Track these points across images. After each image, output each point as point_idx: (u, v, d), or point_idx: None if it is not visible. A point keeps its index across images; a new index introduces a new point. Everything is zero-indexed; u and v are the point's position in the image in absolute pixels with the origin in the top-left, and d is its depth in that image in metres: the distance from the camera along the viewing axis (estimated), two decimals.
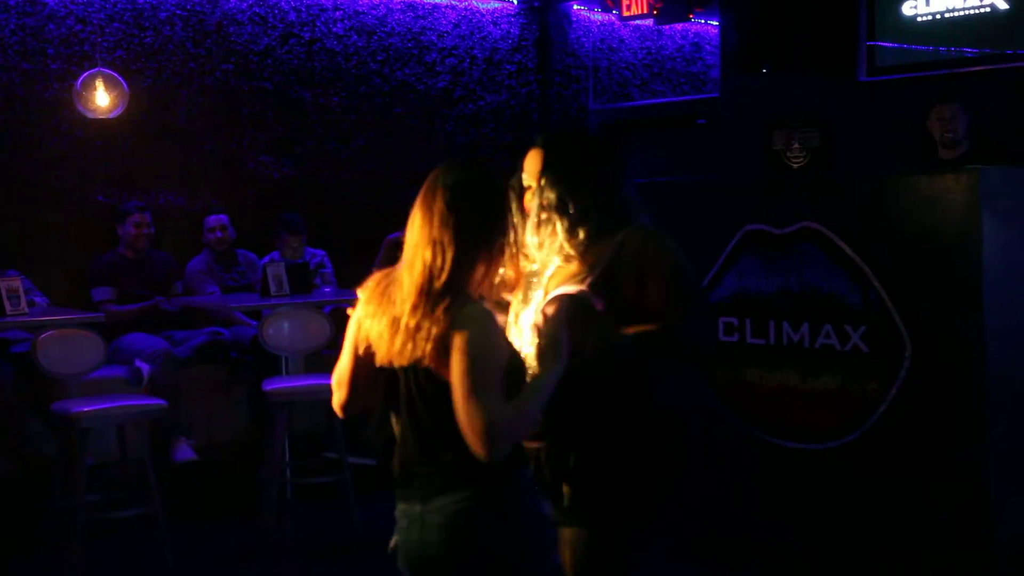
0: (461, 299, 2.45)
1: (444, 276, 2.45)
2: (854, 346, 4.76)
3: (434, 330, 2.42)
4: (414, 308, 2.46)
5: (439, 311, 2.43)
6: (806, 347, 4.91)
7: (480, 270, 2.52)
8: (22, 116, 6.81)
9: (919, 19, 5.17)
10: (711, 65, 8.88)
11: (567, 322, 2.58)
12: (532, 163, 2.80)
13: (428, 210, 2.51)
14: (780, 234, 5.00)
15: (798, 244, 4.95)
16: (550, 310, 2.68)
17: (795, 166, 5.05)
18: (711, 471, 5.16)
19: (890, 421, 4.66)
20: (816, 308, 4.89)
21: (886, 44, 5.52)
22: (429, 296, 2.45)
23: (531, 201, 2.79)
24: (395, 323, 2.49)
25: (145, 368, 6.19)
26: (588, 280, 2.71)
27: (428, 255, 2.47)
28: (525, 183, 2.81)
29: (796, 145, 5.09)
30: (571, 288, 2.70)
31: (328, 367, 2.75)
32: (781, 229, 5.00)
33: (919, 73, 5.18)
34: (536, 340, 2.71)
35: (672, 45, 9.16)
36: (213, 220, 7.15)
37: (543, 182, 2.76)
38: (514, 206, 2.76)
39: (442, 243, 2.47)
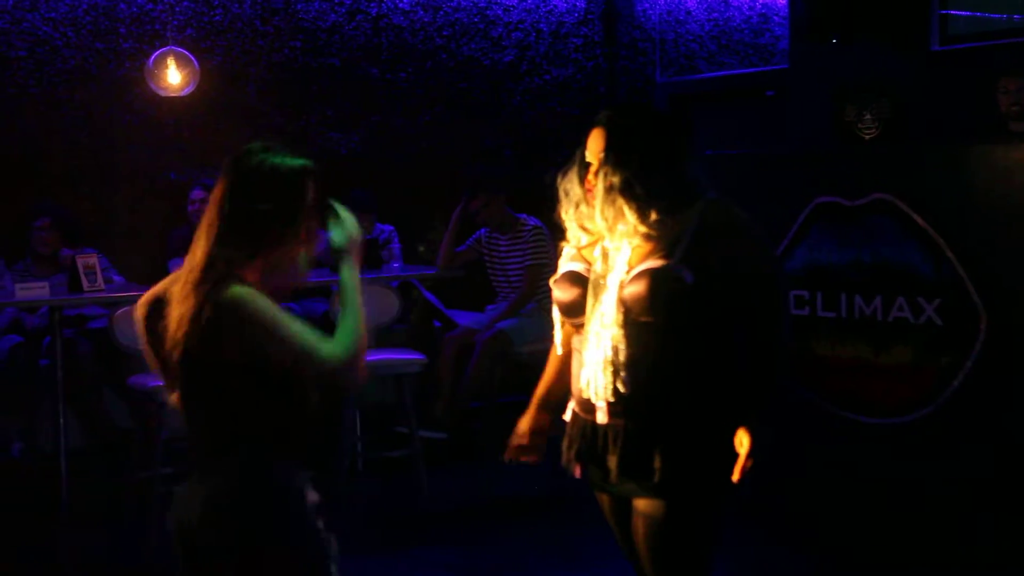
0: (227, 282, 2.44)
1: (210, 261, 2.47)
2: (928, 319, 4.72)
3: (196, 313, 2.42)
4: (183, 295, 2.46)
5: (200, 294, 2.43)
6: (879, 320, 4.88)
7: (260, 259, 2.50)
8: (95, 95, 6.93)
9: None
10: (780, 36, 8.77)
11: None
12: (595, 142, 2.76)
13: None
14: (852, 206, 4.96)
15: (870, 216, 4.90)
16: (636, 287, 2.68)
17: (866, 137, 4.99)
18: (782, 445, 5.15)
19: (965, 394, 4.62)
20: (889, 281, 4.85)
21: (959, 12, 5.43)
22: (197, 282, 2.45)
23: (595, 181, 2.75)
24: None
25: None
26: (674, 253, 2.68)
27: (203, 240, 2.51)
28: (588, 160, 2.77)
29: (867, 116, 5.03)
30: (656, 262, 2.68)
31: (397, 342, 2.77)
32: (853, 201, 4.96)
33: (992, 42, 5.09)
34: (620, 318, 2.71)
35: (740, 16, 9.06)
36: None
37: (607, 163, 2.72)
38: (572, 183, 2.79)
39: (214, 227, 2.51)
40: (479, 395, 6.43)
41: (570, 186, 2.81)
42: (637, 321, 2.70)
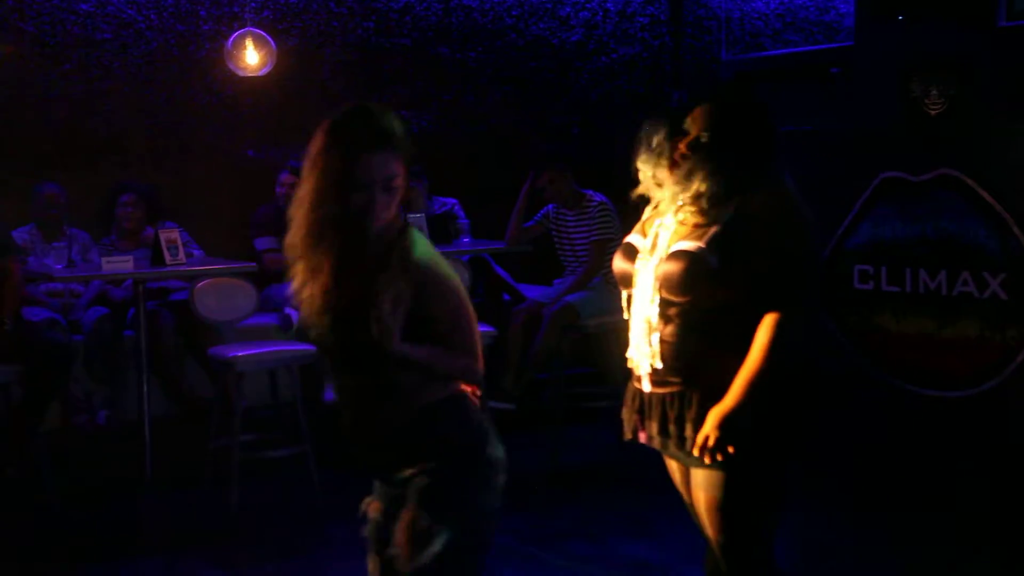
0: None
1: None
2: (992, 293, 4.74)
3: None
4: None
5: None
6: (943, 295, 4.90)
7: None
8: (177, 75, 7.06)
9: None
10: (845, 13, 8.74)
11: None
12: (700, 118, 2.83)
13: None
14: (917, 181, 4.99)
15: (935, 191, 4.93)
16: (668, 266, 2.78)
17: (933, 113, 5.01)
18: (846, 417, 5.20)
19: None
20: (954, 255, 4.87)
21: None
22: None
23: (686, 148, 2.83)
24: None
25: (294, 315, 6.44)
26: (706, 237, 2.76)
27: None
28: (687, 128, 2.84)
29: (934, 92, 5.04)
30: (690, 244, 2.77)
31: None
32: (918, 176, 4.99)
33: None
34: (655, 295, 2.81)
35: None
36: None
37: (708, 140, 2.80)
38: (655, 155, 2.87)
39: None
40: (546, 367, 6.52)
41: (658, 142, 2.89)
42: (669, 299, 2.80)
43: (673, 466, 3.04)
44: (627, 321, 2.99)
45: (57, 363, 5.64)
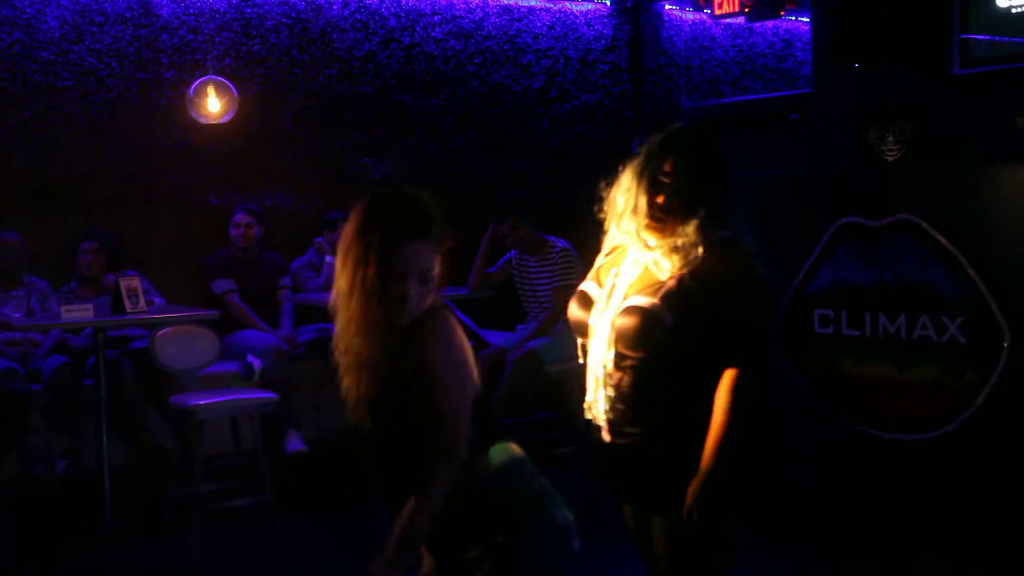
0: None
1: None
2: (951, 337, 4.78)
3: None
4: None
5: None
6: (903, 338, 4.94)
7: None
8: (138, 123, 7.05)
9: (1014, 11, 5.17)
10: (803, 61, 8.89)
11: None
12: (672, 167, 2.80)
13: None
14: (875, 226, 5.04)
15: (893, 236, 4.98)
16: (624, 320, 2.77)
17: (889, 159, 5.08)
18: (805, 460, 5.22)
19: (989, 412, 4.67)
20: (912, 299, 4.91)
21: (980, 37, 5.51)
22: None
23: (666, 203, 2.79)
24: None
25: (256, 363, 6.42)
26: (661, 292, 2.75)
27: None
28: (662, 180, 2.80)
29: (890, 138, 5.11)
30: (644, 300, 2.76)
31: None
32: (876, 221, 5.04)
33: (1014, 65, 5.16)
34: (611, 347, 2.81)
35: (763, 42, 9.19)
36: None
37: (682, 188, 2.78)
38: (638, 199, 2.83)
39: None
40: (510, 412, 6.52)
41: (624, 197, 2.85)
42: (624, 352, 2.79)
43: (628, 512, 3.03)
44: (583, 368, 2.99)
45: (15, 412, 5.59)
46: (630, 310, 2.77)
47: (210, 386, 5.98)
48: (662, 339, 2.73)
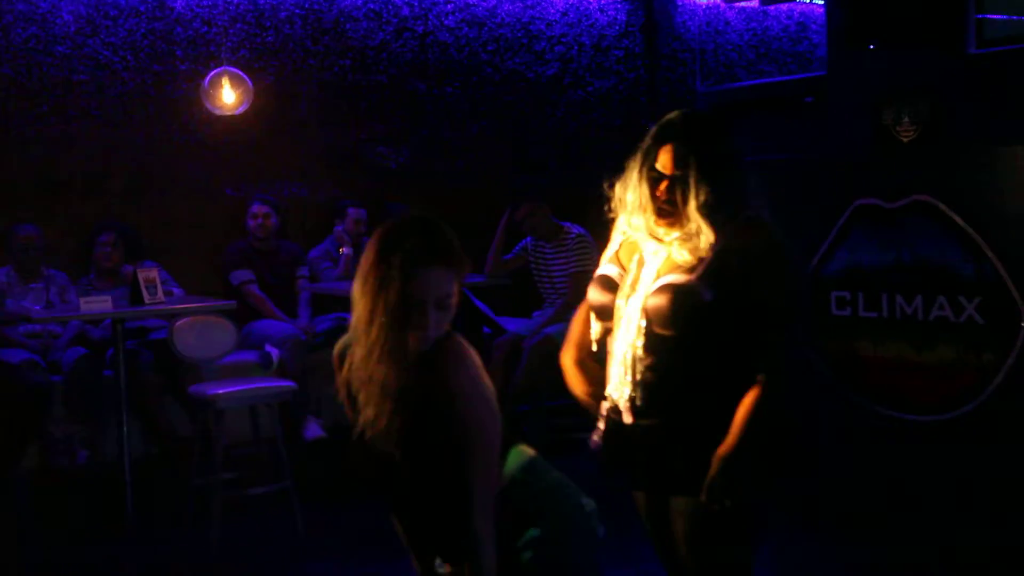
0: None
1: None
2: (968, 317, 4.77)
3: None
4: None
5: None
6: (920, 319, 4.94)
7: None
8: (154, 115, 7.08)
9: None
10: (817, 44, 8.86)
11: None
12: (667, 156, 2.77)
13: None
14: (891, 208, 5.03)
15: (910, 217, 4.97)
16: (658, 299, 2.74)
17: (905, 140, 5.07)
18: (825, 442, 5.22)
19: (1007, 392, 4.66)
20: (929, 280, 4.91)
21: (996, 16, 5.49)
22: None
23: (667, 194, 2.77)
24: None
25: (275, 352, 6.45)
26: (697, 270, 2.72)
27: None
28: (661, 171, 2.78)
29: (905, 119, 5.10)
30: (679, 277, 2.73)
31: None
32: (892, 203, 5.03)
33: None
34: (641, 328, 2.76)
35: (778, 25, 9.16)
36: (354, 212, 7.33)
37: (680, 176, 2.75)
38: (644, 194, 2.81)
39: None
40: (527, 399, 6.54)
41: (631, 194, 2.84)
42: (656, 332, 2.75)
43: (640, 498, 3.00)
44: (601, 354, 2.96)
45: (36, 404, 5.62)
46: (667, 288, 2.73)
47: (229, 376, 6.01)
48: (701, 316, 2.70)
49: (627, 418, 2.84)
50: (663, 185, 2.77)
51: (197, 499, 5.55)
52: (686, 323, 2.72)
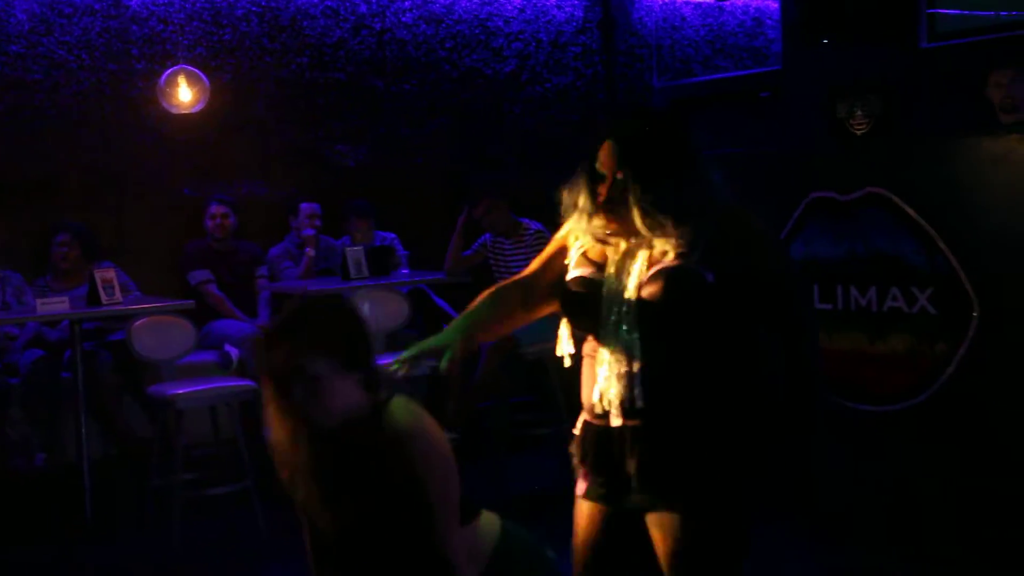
0: None
1: None
2: (921, 308, 4.83)
3: None
4: None
5: None
6: (874, 311, 4.99)
7: None
8: (110, 114, 7.03)
9: None
10: (772, 39, 8.92)
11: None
12: (606, 155, 2.63)
13: None
14: (845, 200, 5.08)
15: (863, 209, 5.02)
16: (655, 286, 2.58)
17: (858, 133, 5.12)
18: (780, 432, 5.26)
19: (959, 381, 4.71)
20: (883, 272, 4.96)
21: (947, 11, 5.55)
22: None
23: (608, 194, 2.63)
24: None
25: (234, 352, 6.43)
26: (692, 255, 2.56)
27: None
28: (601, 172, 2.64)
29: (859, 112, 5.16)
30: (674, 263, 2.57)
31: (407, 345, 2.83)
32: (846, 195, 5.08)
33: (981, 37, 5.21)
34: (637, 323, 2.59)
35: (733, 21, 9.22)
36: (307, 207, 7.33)
37: (624, 175, 2.60)
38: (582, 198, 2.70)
39: None
40: (488, 395, 6.55)
41: (579, 199, 2.70)
42: (654, 325, 2.58)
43: (597, 512, 2.77)
44: (576, 358, 2.81)
45: None
46: (664, 274, 2.57)
47: (188, 376, 5.98)
48: (704, 300, 2.55)
49: (616, 420, 2.64)
50: (603, 186, 2.64)
51: (157, 500, 5.53)
52: (688, 309, 2.56)
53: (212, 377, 6.10)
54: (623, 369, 2.62)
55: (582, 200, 2.70)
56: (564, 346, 2.86)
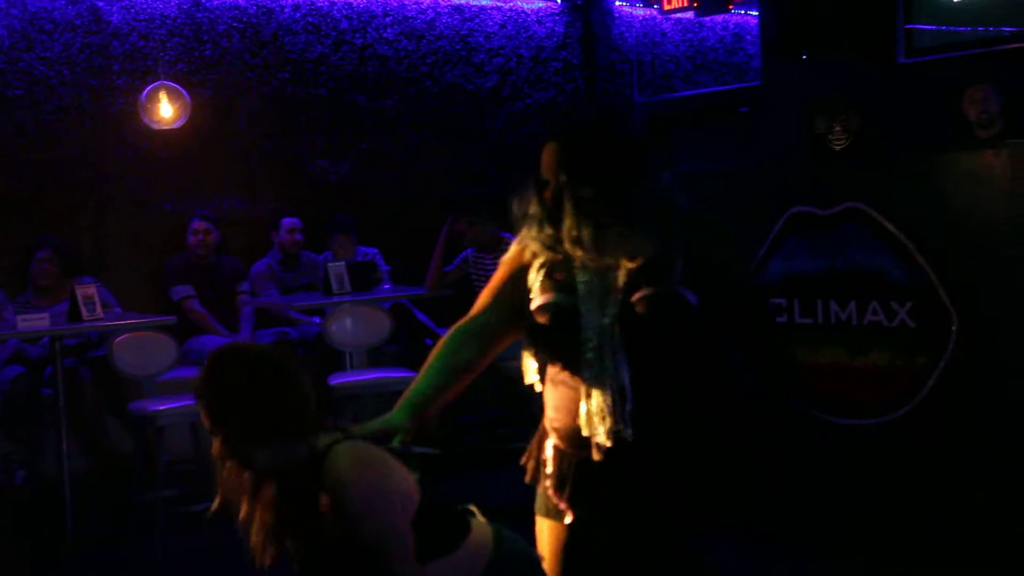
0: None
1: None
2: (901, 322, 4.84)
3: None
4: None
5: None
6: (854, 325, 5.00)
7: None
8: (91, 130, 7.03)
9: (956, 0, 5.26)
10: (752, 54, 8.97)
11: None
12: (547, 159, 2.55)
13: None
14: (824, 215, 5.10)
15: (842, 224, 5.04)
16: (642, 313, 2.49)
17: (837, 148, 5.16)
18: (762, 448, 5.28)
19: (939, 395, 4.71)
20: (862, 286, 4.97)
21: (925, 27, 5.61)
22: None
23: (552, 198, 2.55)
24: None
25: None
26: (670, 276, 2.49)
27: None
28: (544, 178, 2.57)
29: (837, 128, 5.19)
30: (654, 288, 2.49)
31: (390, 361, 2.85)
32: (825, 210, 5.10)
33: (958, 53, 5.26)
34: (623, 348, 2.51)
35: (713, 36, 9.28)
36: (288, 222, 7.35)
37: (563, 181, 2.52)
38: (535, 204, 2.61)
39: None
40: (469, 410, 6.55)
41: (529, 207, 2.62)
42: (641, 355, 2.52)
43: (559, 533, 2.73)
44: (547, 387, 2.73)
45: None
46: (647, 300, 2.49)
47: (169, 392, 5.96)
48: (690, 322, 2.49)
49: (597, 456, 2.57)
50: (547, 191, 2.56)
51: (139, 516, 5.51)
52: (675, 335, 2.51)
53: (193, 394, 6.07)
54: (608, 401, 2.52)
55: (532, 207, 2.61)
56: (531, 375, 2.77)
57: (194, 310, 6.83)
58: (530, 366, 2.77)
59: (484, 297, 2.76)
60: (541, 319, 2.60)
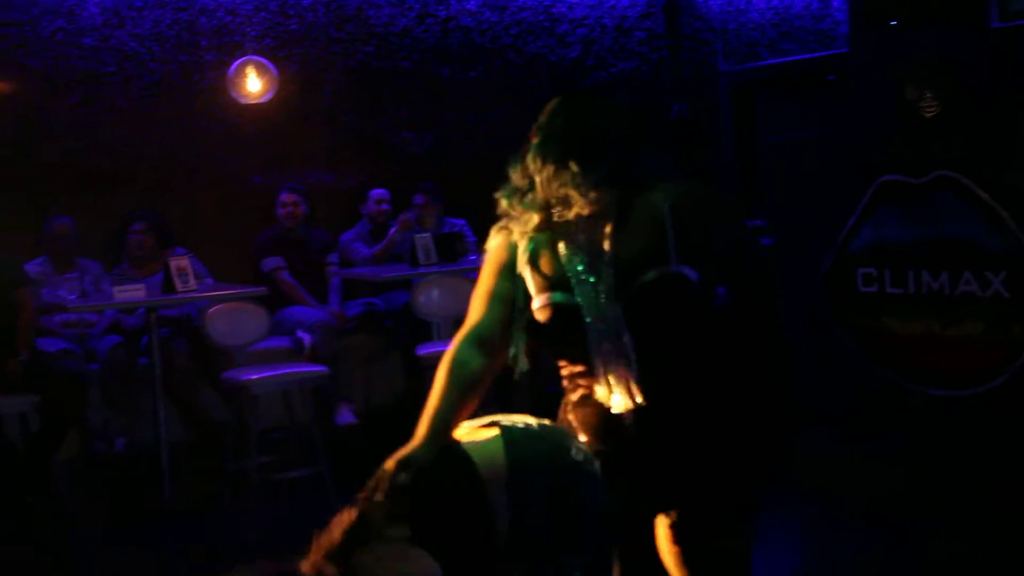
0: None
1: None
2: (995, 292, 4.79)
3: None
4: None
5: None
6: (947, 294, 4.96)
7: None
8: (181, 105, 7.15)
9: None
10: (839, 21, 8.83)
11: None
12: (537, 123, 2.67)
13: None
14: (916, 183, 5.05)
15: (935, 193, 4.99)
16: (645, 300, 2.45)
17: (928, 115, 5.08)
18: (855, 419, 5.26)
19: None
20: (955, 255, 4.92)
21: None
22: None
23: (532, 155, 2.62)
24: None
25: (306, 338, 6.52)
26: (666, 253, 2.45)
27: None
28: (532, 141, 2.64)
29: (928, 95, 5.11)
30: (657, 270, 2.45)
31: None
32: (917, 179, 5.05)
33: None
34: (629, 336, 2.45)
35: (800, 3, 9.14)
36: (376, 194, 7.42)
37: (539, 142, 2.63)
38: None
39: None
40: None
41: (512, 179, 2.68)
42: (650, 339, 2.46)
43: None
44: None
45: (73, 392, 5.72)
46: (649, 285, 2.45)
47: (261, 361, 6.08)
48: (693, 302, 2.47)
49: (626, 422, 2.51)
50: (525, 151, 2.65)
51: (233, 483, 5.63)
52: (682, 315, 2.47)
53: (284, 363, 6.19)
54: (620, 380, 2.47)
55: (514, 177, 2.67)
56: (521, 363, 2.61)
57: (284, 281, 6.94)
58: (519, 352, 2.61)
59: (477, 302, 2.65)
60: (541, 317, 2.54)
